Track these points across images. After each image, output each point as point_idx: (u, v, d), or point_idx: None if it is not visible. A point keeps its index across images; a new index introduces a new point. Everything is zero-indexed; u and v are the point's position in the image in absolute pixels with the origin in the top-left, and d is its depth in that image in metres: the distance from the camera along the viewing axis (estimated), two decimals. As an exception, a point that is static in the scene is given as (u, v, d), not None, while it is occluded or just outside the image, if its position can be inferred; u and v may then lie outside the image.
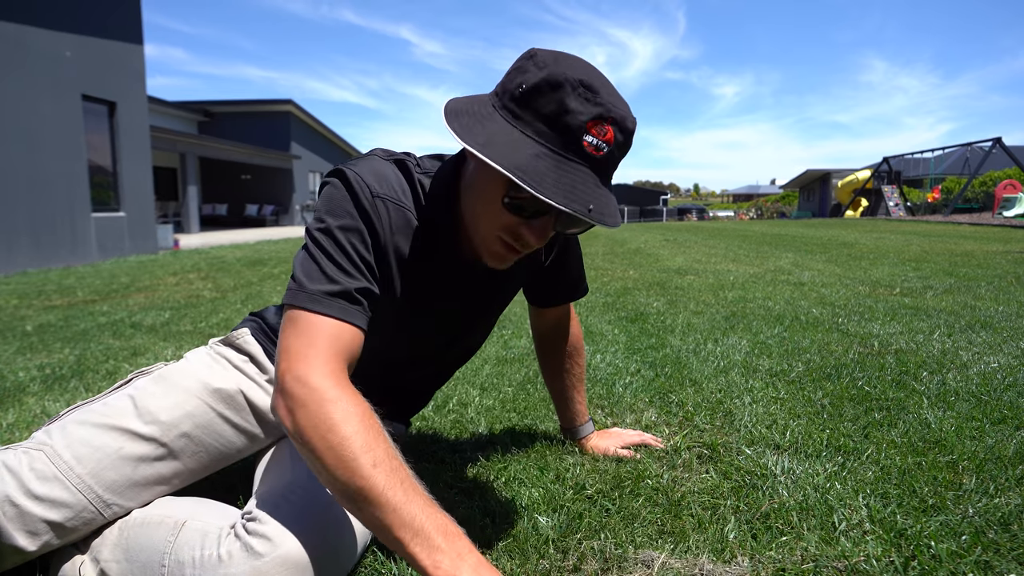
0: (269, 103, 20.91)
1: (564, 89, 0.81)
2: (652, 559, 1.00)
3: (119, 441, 0.98)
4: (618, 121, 0.83)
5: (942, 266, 5.55)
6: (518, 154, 0.80)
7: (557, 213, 0.88)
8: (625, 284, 4.73)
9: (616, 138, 0.84)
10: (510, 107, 0.84)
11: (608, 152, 0.84)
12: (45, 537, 0.92)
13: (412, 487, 0.78)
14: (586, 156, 0.82)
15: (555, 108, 0.81)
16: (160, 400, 1.04)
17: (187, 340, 3.03)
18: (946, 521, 1.08)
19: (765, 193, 79.68)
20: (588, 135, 0.82)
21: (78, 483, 0.94)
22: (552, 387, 1.47)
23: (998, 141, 20.55)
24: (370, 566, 1.01)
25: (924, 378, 1.99)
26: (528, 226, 0.89)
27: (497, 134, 0.82)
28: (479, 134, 0.83)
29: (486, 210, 0.91)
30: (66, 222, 8.57)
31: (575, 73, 0.82)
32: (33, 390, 2.19)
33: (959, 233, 11.10)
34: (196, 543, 0.88)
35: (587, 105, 0.81)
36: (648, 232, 13.81)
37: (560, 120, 0.81)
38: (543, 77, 0.82)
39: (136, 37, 9.91)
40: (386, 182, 0.96)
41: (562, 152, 0.82)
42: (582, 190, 0.81)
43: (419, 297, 1.05)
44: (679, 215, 43.02)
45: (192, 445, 1.04)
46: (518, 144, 0.81)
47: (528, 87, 0.83)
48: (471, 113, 0.86)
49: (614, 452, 1.42)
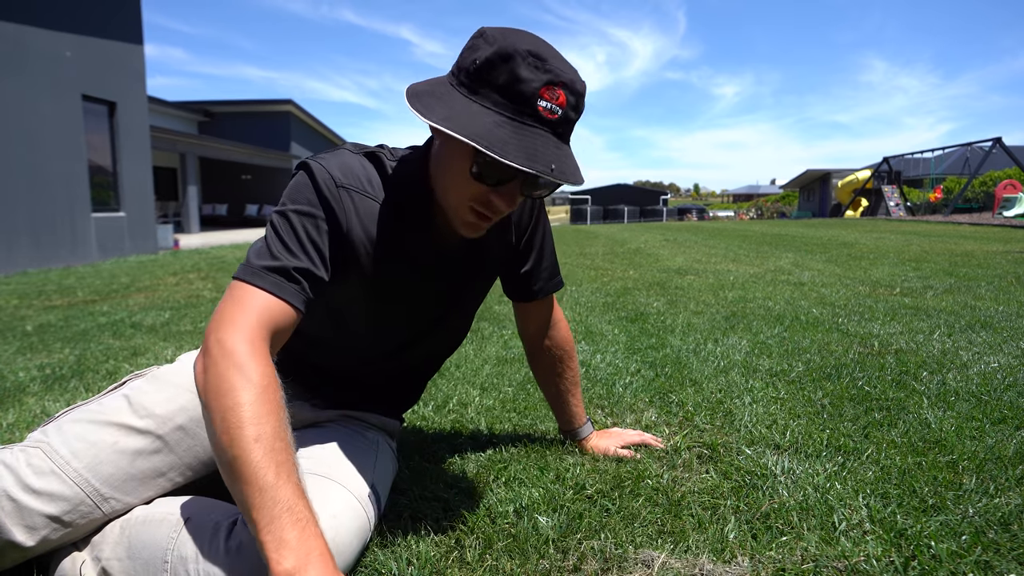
0: (269, 103, 20.90)
1: (515, 60, 0.87)
2: (652, 559, 1.00)
3: (115, 436, 1.00)
4: (568, 84, 0.89)
5: (942, 266, 5.55)
6: (478, 124, 0.85)
7: (523, 177, 0.93)
8: (625, 284, 4.73)
9: (568, 100, 0.89)
10: (466, 83, 0.90)
11: (563, 114, 0.89)
12: (43, 532, 0.92)
13: (287, 472, 0.77)
14: (542, 120, 0.88)
15: (508, 78, 0.87)
16: (154, 396, 1.07)
17: (187, 340, 3.03)
18: (946, 521, 1.08)
19: (765, 193, 79.71)
20: (542, 100, 0.87)
21: (75, 476, 0.94)
22: (547, 392, 1.47)
23: (998, 141, 20.55)
24: (370, 566, 1.02)
25: (924, 378, 1.99)
26: (496, 193, 0.94)
27: (457, 109, 0.88)
28: (441, 110, 0.88)
29: (455, 182, 0.96)
30: (66, 222, 8.57)
31: (524, 45, 0.88)
32: (33, 390, 2.19)
33: (959, 233, 11.10)
34: (199, 538, 0.89)
35: (537, 73, 0.87)
36: (648, 232, 13.81)
37: (514, 88, 0.87)
38: (494, 51, 0.87)
39: (136, 37, 9.92)
40: (351, 173, 1.01)
41: (519, 119, 0.87)
42: (543, 151, 0.86)
43: (394, 278, 1.07)
44: (679, 215, 43.04)
45: (187, 439, 1.06)
46: (477, 115, 0.87)
47: (481, 62, 0.88)
48: (431, 93, 0.91)
49: (614, 452, 1.42)
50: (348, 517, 0.95)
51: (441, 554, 1.04)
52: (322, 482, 0.98)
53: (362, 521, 0.98)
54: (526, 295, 1.32)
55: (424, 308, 1.16)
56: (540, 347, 1.41)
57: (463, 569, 1.00)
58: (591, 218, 40.54)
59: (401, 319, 1.16)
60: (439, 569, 1.00)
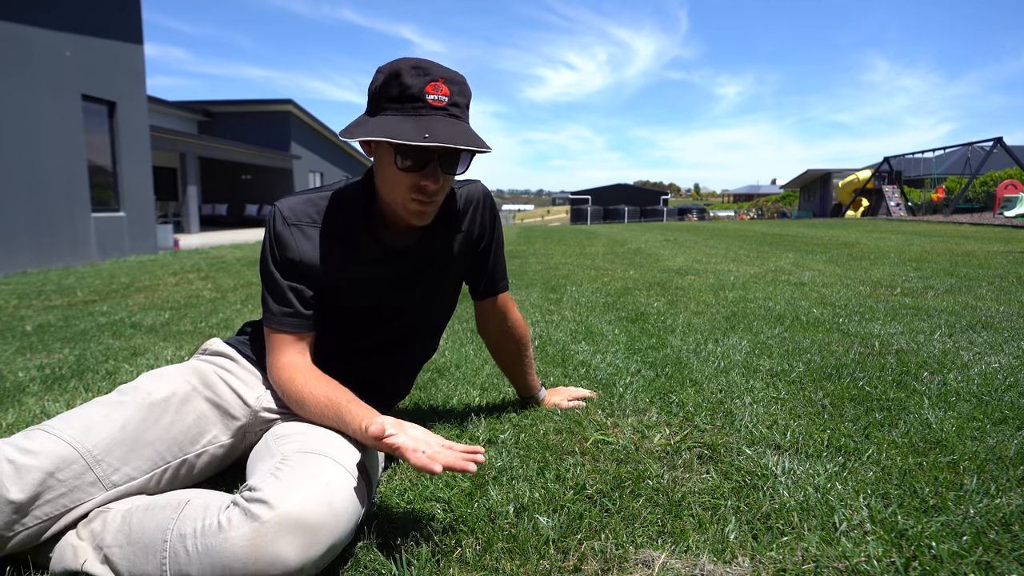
0: (269, 103, 20.88)
1: (401, 75, 1.11)
2: (652, 559, 1.00)
3: (104, 409, 1.13)
4: (447, 78, 1.13)
5: (943, 266, 5.54)
6: (386, 126, 1.10)
7: (439, 155, 1.15)
8: (625, 284, 4.73)
9: (452, 89, 1.13)
10: (372, 106, 1.16)
11: (450, 99, 1.13)
12: (37, 489, 0.97)
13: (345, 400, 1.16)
14: (434, 108, 1.11)
15: (399, 89, 1.11)
16: (141, 378, 1.24)
17: (187, 340, 3.03)
18: (947, 522, 1.08)
19: (766, 193, 79.67)
20: (428, 94, 1.11)
21: (69, 439, 1.04)
22: (509, 373, 1.76)
23: (999, 141, 20.55)
24: (370, 566, 1.01)
25: (925, 378, 1.99)
26: (423, 175, 1.16)
27: (371, 124, 1.13)
28: (360, 131, 1.13)
29: (391, 179, 1.19)
30: (66, 222, 8.57)
31: (406, 63, 1.13)
32: (33, 390, 2.19)
33: (960, 233, 11.10)
34: (198, 516, 0.94)
35: (420, 78, 1.11)
36: (648, 232, 13.81)
37: (406, 93, 1.11)
38: (385, 75, 1.13)
39: (136, 37, 9.91)
40: (299, 211, 1.28)
41: (415, 113, 1.11)
42: (441, 130, 1.09)
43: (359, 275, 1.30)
44: (679, 215, 43.02)
45: (171, 411, 1.18)
46: (384, 121, 1.12)
47: (379, 85, 1.14)
48: (354, 124, 1.17)
49: (565, 405, 1.76)
50: (341, 486, 0.98)
51: (441, 554, 1.03)
52: (313, 457, 1.02)
53: (355, 492, 1.00)
54: (491, 291, 1.56)
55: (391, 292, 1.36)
56: (502, 340, 1.66)
57: (463, 569, 1.00)
58: (591, 218, 40.54)
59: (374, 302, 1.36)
60: (439, 569, 1.00)
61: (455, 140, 1.09)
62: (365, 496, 1.05)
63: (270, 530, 0.88)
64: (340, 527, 0.94)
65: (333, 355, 1.35)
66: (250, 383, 1.32)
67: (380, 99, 1.13)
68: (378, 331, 1.40)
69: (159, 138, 13.30)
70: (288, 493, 0.91)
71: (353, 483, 1.01)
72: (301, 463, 0.99)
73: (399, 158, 1.14)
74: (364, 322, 1.38)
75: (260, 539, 0.87)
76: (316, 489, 0.94)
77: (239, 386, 1.30)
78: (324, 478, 0.97)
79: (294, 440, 1.10)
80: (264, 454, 1.11)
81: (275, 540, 0.88)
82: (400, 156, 1.14)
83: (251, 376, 1.33)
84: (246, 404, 1.29)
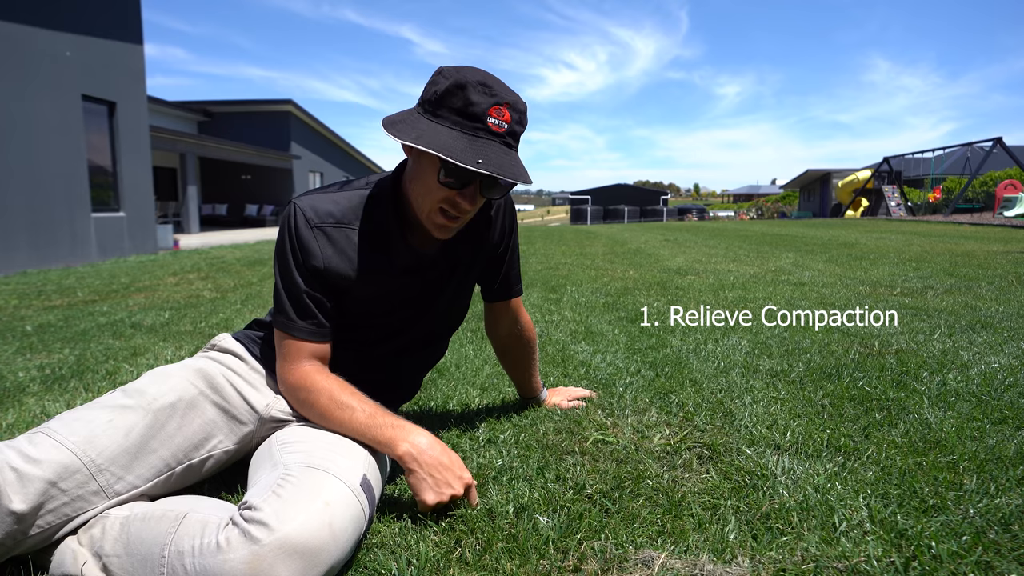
0: (269, 103, 20.87)
1: (467, 89, 1.09)
2: (652, 559, 1.00)
3: (109, 415, 1.10)
4: (511, 104, 1.12)
5: (943, 266, 5.55)
6: (441, 139, 1.08)
7: (480, 179, 1.14)
8: (625, 284, 4.73)
9: (512, 116, 1.12)
10: (429, 110, 1.12)
11: (509, 128, 1.12)
12: (40, 499, 0.96)
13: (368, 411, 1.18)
14: (492, 133, 1.10)
15: (463, 103, 1.09)
16: (146, 379, 1.20)
17: (187, 340, 3.03)
18: (947, 521, 1.08)
19: (765, 193, 79.65)
20: (490, 117, 1.09)
21: (72, 447, 1.02)
22: (515, 375, 1.76)
23: (999, 141, 20.54)
24: (370, 566, 1.01)
25: (925, 378, 1.99)
26: (460, 195, 1.15)
27: (424, 129, 1.10)
28: (411, 132, 1.10)
29: (426, 190, 1.16)
30: (66, 222, 8.57)
31: (474, 77, 1.10)
32: (33, 390, 2.19)
33: (960, 233, 11.10)
34: (196, 533, 0.92)
35: (486, 97, 1.09)
36: (648, 232, 13.81)
37: (468, 110, 1.09)
38: (451, 83, 1.10)
39: (136, 37, 9.91)
40: (322, 211, 1.23)
41: (473, 133, 1.09)
42: (494, 157, 1.08)
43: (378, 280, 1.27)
44: (679, 215, 43.00)
45: (177, 417, 1.15)
46: (440, 133, 1.09)
47: (441, 92, 1.11)
48: (403, 121, 1.14)
49: (565, 405, 1.75)
50: (342, 506, 0.97)
51: (441, 554, 1.03)
52: (314, 473, 1.01)
53: (356, 510, 1.00)
54: (505, 294, 1.55)
55: (416, 301, 1.34)
56: (512, 343, 1.65)
57: (463, 569, 1.00)
58: (591, 218, 40.52)
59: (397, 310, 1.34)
60: (439, 569, 1.00)
61: (505, 171, 1.08)
62: (367, 511, 1.04)
63: (269, 553, 0.87)
64: (339, 549, 0.94)
65: (348, 359, 1.32)
66: (259, 386, 1.29)
67: (440, 106, 1.10)
68: (396, 337, 1.38)
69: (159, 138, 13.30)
70: (288, 515, 0.90)
71: (355, 500, 1.00)
72: (302, 480, 0.98)
73: (443, 172, 1.12)
74: (383, 329, 1.36)
75: (259, 562, 0.86)
76: (316, 509, 0.93)
77: (247, 390, 1.27)
78: (325, 496, 0.96)
79: (298, 450, 1.09)
80: (266, 461, 1.10)
81: (274, 564, 0.86)
82: (444, 171, 1.12)
83: (259, 378, 1.31)
84: (254, 410, 1.26)
